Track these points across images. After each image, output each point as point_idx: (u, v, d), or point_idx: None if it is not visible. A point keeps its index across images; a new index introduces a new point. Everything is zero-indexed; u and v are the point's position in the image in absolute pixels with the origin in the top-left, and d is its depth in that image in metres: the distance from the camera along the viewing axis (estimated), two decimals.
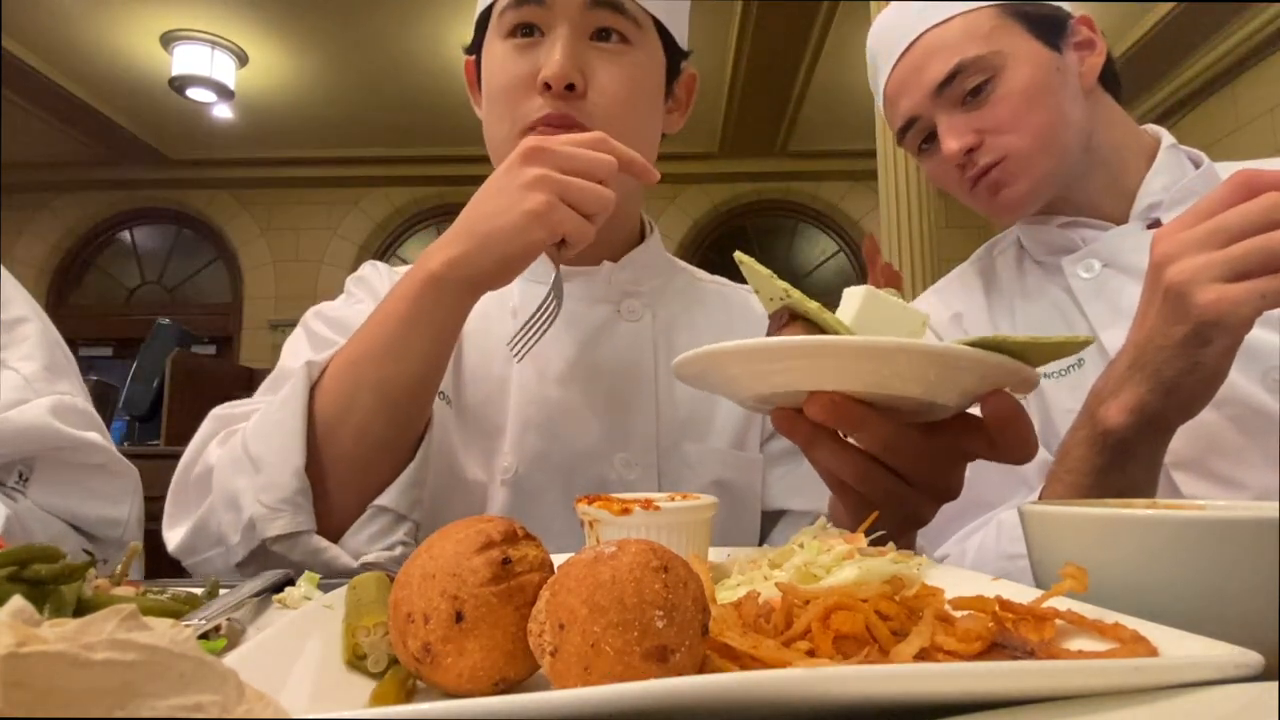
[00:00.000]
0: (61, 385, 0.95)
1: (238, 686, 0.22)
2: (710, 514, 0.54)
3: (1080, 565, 0.37)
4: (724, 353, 0.53)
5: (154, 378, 3.29)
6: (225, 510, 0.72)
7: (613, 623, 0.29)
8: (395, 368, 0.72)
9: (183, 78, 5.13)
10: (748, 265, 0.60)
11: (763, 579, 0.45)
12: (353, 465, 0.73)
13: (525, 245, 0.70)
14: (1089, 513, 0.41)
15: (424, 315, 0.72)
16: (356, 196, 6.74)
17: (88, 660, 0.19)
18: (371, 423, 0.72)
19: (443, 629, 0.32)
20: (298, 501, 0.69)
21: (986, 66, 0.91)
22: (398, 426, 0.74)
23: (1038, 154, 0.91)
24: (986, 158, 0.92)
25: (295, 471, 0.69)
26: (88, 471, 0.93)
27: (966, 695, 0.26)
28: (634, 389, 0.90)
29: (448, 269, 0.71)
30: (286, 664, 0.35)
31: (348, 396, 0.72)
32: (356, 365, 0.73)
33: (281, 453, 0.70)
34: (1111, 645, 0.32)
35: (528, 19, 0.85)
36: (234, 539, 0.71)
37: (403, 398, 0.73)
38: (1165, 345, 0.61)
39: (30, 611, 0.20)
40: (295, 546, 0.69)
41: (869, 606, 0.35)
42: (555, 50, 0.82)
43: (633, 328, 0.93)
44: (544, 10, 0.84)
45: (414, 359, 0.72)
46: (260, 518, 0.69)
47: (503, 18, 0.86)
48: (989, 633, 0.33)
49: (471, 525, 0.36)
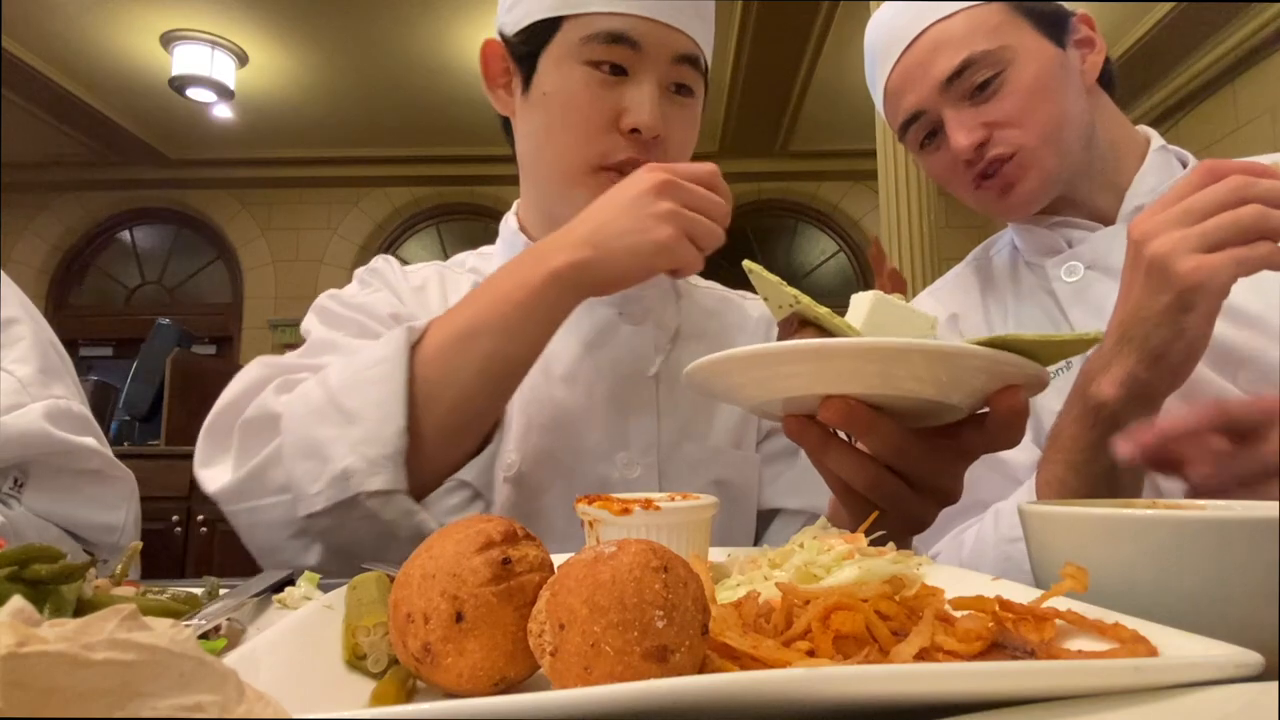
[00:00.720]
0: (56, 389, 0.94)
1: (238, 686, 0.22)
2: (710, 514, 0.54)
3: (1080, 565, 0.37)
4: (739, 358, 0.53)
5: (154, 378, 3.29)
6: (303, 459, 0.72)
7: (613, 623, 0.29)
8: (506, 349, 0.74)
9: (183, 78, 5.12)
10: (757, 273, 0.60)
11: (763, 579, 0.45)
12: (446, 433, 0.74)
13: (646, 270, 0.75)
14: (1089, 513, 0.41)
15: (541, 307, 0.74)
16: (356, 196, 6.74)
17: (88, 660, 0.19)
18: (473, 395, 0.74)
19: (443, 629, 0.32)
20: (397, 460, 0.70)
21: (995, 61, 0.90)
22: (493, 404, 0.77)
23: (1046, 150, 0.91)
24: (995, 151, 0.91)
25: (399, 430, 0.70)
26: (83, 477, 0.92)
27: (966, 695, 0.26)
28: (636, 390, 0.92)
29: (571, 271, 0.74)
30: (286, 664, 0.35)
31: (454, 366, 0.74)
32: (468, 340, 0.75)
33: (382, 408, 0.71)
34: (1111, 645, 0.32)
35: (618, 59, 0.86)
36: (313, 488, 0.70)
37: (505, 377, 0.76)
38: (1150, 316, 0.65)
39: (30, 611, 0.20)
40: (389, 504, 0.69)
41: (869, 606, 0.35)
42: (646, 101, 0.85)
43: (635, 330, 0.94)
44: (635, 54, 0.85)
45: (523, 345, 0.75)
46: (359, 471, 0.69)
47: (587, 45, 0.86)
48: (989, 633, 0.33)
49: (471, 525, 0.36)
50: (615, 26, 0.85)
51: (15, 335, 0.95)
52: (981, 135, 0.91)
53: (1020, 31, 0.92)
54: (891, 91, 0.98)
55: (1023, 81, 0.90)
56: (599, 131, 0.86)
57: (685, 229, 0.74)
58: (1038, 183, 0.92)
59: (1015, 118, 0.90)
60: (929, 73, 0.93)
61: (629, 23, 0.85)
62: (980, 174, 0.94)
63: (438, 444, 0.74)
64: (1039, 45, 0.92)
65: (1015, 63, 0.90)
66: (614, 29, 0.85)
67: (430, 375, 0.74)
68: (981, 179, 0.94)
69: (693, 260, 0.76)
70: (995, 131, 0.91)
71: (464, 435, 0.76)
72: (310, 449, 0.72)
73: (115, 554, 0.93)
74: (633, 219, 0.74)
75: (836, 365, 0.51)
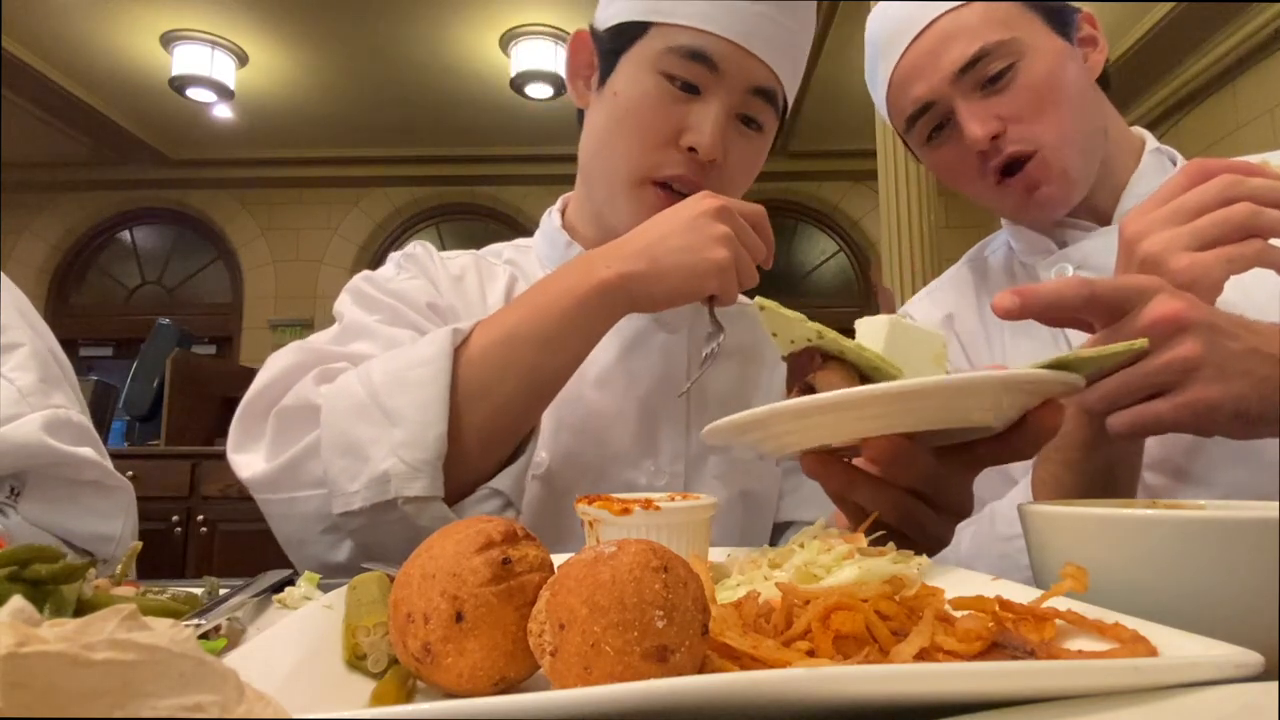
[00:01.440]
0: (56, 397, 0.94)
1: (238, 686, 0.22)
2: (710, 514, 0.54)
3: (1080, 565, 0.37)
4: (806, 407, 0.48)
5: (154, 378, 3.29)
6: (341, 456, 0.71)
7: (613, 623, 0.29)
8: (549, 357, 0.74)
9: (183, 78, 5.12)
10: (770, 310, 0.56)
11: (763, 579, 0.45)
12: (483, 439, 0.74)
13: (697, 288, 0.75)
14: (1089, 513, 0.41)
15: (587, 318, 0.74)
16: (356, 196, 6.74)
17: (88, 660, 0.19)
18: (512, 403, 0.74)
19: (443, 629, 0.32)
20: (437, 466, 0.69)
21: (1009, 52, 0.88)
22: (531, 412, 0.77)
23: (1068, 151, 0.89)
24: (1014, 146, 0.89)
25: (440, 435, 0.69)
26: (80, 488, 0.92)
27: (966, 695, 0.26)
28: (667, 399, 0.92)
29: (623, 281, 0.74)
30: (286, 664, 0.35)
31: (498, 372, 0.73)
32: (511, 346, 0.74)
33: (424, 410, 0.70)
34: (1111, 645, 0.32)
35: (694, 78, 0.85)
36: (351, 487, 0.70)
37: (546, 387, 0.76)
38: None
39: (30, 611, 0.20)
40: (425, 510, 0.69)
41: (869, 606, 0.35)
42: (709, 123, 0.85)
43: (670, 339, 0.95)
44: (713, 76, 0.85)
45: (566, 354, 0.75)
46: (399, 474, 0.68)
47: (666, 56, 0.85)
48: (989, 633, 0.33)
49: (471, 525, 0.36)
50: (697, 44, 0.84)
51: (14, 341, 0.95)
52: (996, 126, 0.89)
53: (1031, 25, 0.90)
54: (897, 83, 0.95)
55: (1036, 75, 0.88)
56: (657, 144, 0.86)
57: (737, 256, 0.75)
58: (1062, 188, 0.91)
59: (1029, 113, 0.89)
60: (940, 62, 0.90)
61: (712, 42, 0.84)
62: (1000, 169, 0.91)
63: (475, 449, 0.73)
64: (1049, 40, 0.90)
65: (1027, 55, 0.89)
66: (695, 46, 0.84)
67: (472, 380, 0.73)
68: (1003, 175, 0.92)
69: (734, 290, 0.77)
70: (1010, 126, 0.89)
71: (501, 442, 0.76)
72: (350, 447, 0.71)
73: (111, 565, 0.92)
74: (689, 238, 0.75)
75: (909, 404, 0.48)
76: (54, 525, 0.90)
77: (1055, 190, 0.91)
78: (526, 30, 4.89)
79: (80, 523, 0.92)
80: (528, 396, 0.75)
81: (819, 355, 0.54)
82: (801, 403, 0.48)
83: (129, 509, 0.97)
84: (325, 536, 0.74)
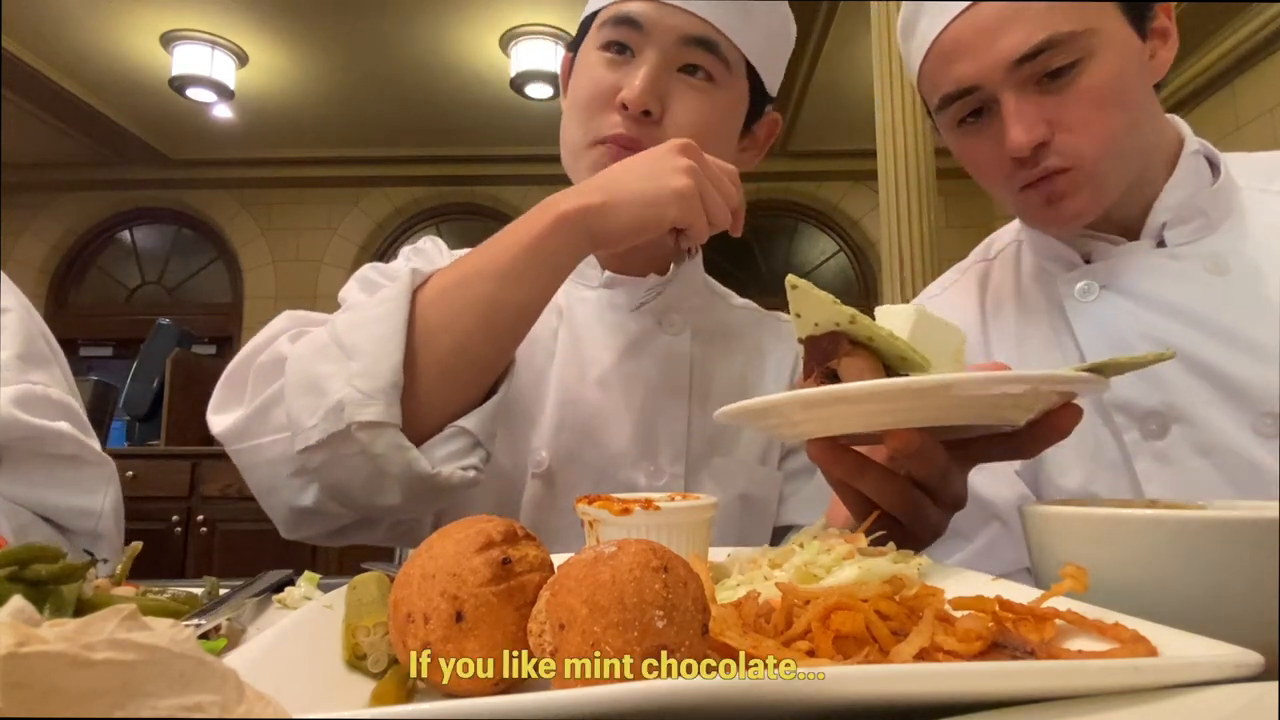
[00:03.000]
0: (36, 375, 0.93)
1: (238, 686, 0.22)
2: (710, 514, 0.54)
3: (1080, 565, 0.37)
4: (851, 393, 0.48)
5: (154, 378, 3.30)
6: (302, 394, 0.72)
7: (613, 623, 0.29)
8: (507, 292, 0.74)
9: (183, 78, 5.12)
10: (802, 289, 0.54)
11: (763, 579, 0.45)
12: (444, 376, 0.73)
13: (657, 216, 0.73)
14: (1089, 513, 0.41)
15: (546, 250, 0.74)
16: (356, 196, 6.74)
17: (88, 660, 0.19)
18: (472, 338, 0.74)
19: (443, 629, 0.32)
20: (391, 395, 0.69)
21: (1077, 48, 0.77)
22: (495, 349, 0.76)
23: (1107, 165, 0.81)
24: (1053, 161, 0.81)
25: (394, 366, 0.70)
26: (58, 462, 0.91)
27: (966, 695, 0.26)
28: (669, 400, 0.92)
29: (580, 214, 0.73)
30: (286, 664, 0.35)
31: (455, 308, 0.74)
32: (468, 281, 0.74)
33: (379, 343, 0.70)
34: (1111, 645, 0.32)
35: (622, 39, 0.88)
36: (309, 421, 0.70)
37: (506, 323, 0.75)
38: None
39: (30, 611, 0.20)
40: (380, 437, 0.69)
41: (869, 606, 0.35)
42: (638, 76, 0.86)
43: (672, 340, 0.95)
44: (639, 34, 0.87)
45: (526, 289, 0.74)
46: (352, 401, 0.68)
47: (601, 30, 0.90)
48: (989, 633, 0.33)
49: (471, 525, 0.36)
50: (623, 10, 0.88)
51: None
52: (1043, 134, 0.79)
53: (1106, 14, 0.79)
54: (940, 54, 0.84)
55: (1101, 79, 0.78)
56: (598, 108, 0.88)
57: (701, 188, 0.74)
58: (1090, 201, 0.83)
59: (1082, 121, 0.79)
60: (996, 44, 0.79)
61: (637, 6, 0.88)
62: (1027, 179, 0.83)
63: (435, 385, 0.73)
64: (1125, 34, 0.80)
65: (1096, 55, 0.78)
66: (621, 11, 0.88)
67: (430, 316, 0.74)
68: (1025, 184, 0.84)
69: (701, 225, 0.75)
70: (1058, 135, 0.80)
71: (463, 379, 0.75)
72: (309, 384, 0.72)
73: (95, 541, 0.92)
74: (650, 168, 0.75)
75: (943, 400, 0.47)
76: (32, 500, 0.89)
77: (1083, 204, 0.83)
78: (526, 30, 4.89)
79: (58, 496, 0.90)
80: (485, 333, 0.74)
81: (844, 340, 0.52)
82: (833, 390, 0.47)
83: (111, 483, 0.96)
84: (292, 480, 0.75)
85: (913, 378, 0.47)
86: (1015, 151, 0.80)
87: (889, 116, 3.73)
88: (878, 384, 0.47)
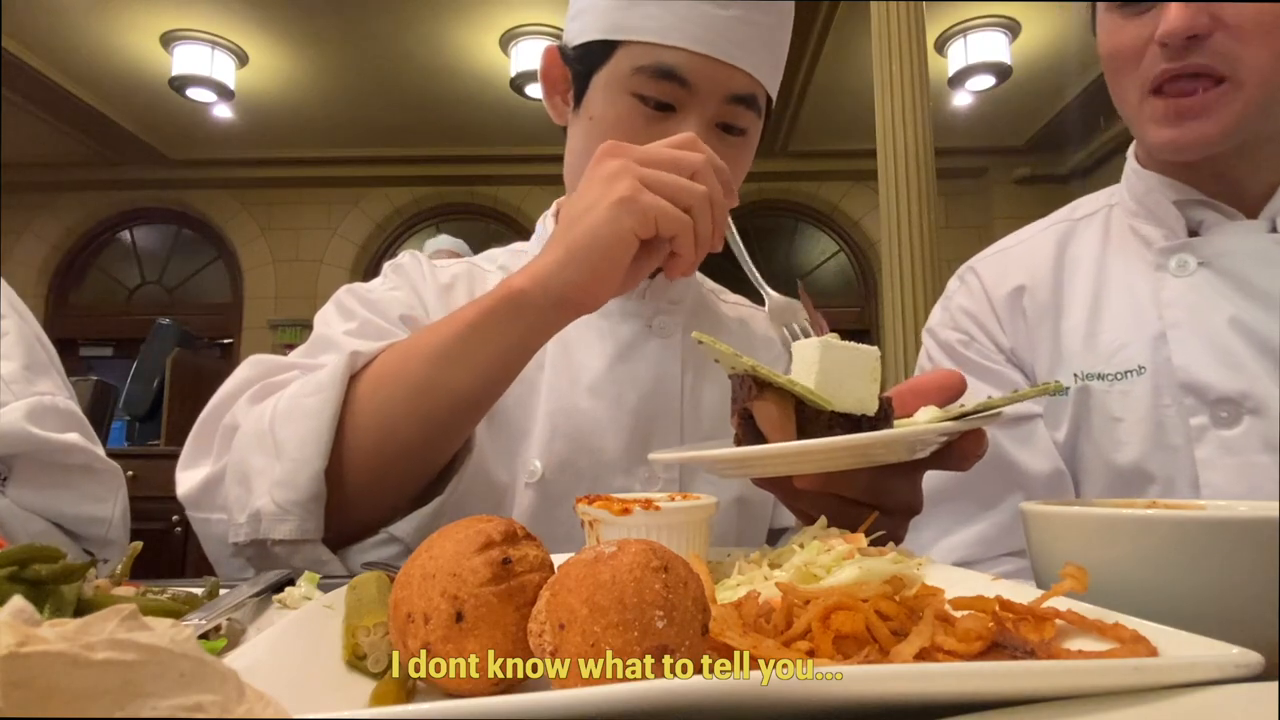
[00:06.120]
0: (42, 384, 0.93)
1: (238, 686, 0.22)
2: (710, 514, 0.54)
3: (1080, 565, 0.37)
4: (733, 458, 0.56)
5: (154, 378, 3.30)
6: (236, 484, 0.70)
7: (613, 623, 0.29)
8: (446, 375, 0.67)
9: (183, 78, 5.13)
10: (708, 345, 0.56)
11: (763, 579, 0.45)
12: (376, 474, 0.69)
13: (616, 237, 0.64)
14: (1089, 513, 0.41)
15: (493, 329, 0.67)
16: (356, 196, 6.74)
17: (88, 660, 0.19)
18: (399, 430, 0.68)
19: (443, 629, 0.32)
20: (309, 507, 0.66)
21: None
22: (426, 442, 0.69)
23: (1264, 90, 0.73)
24: (1203, 59, 0.72)
25: (314, 475, 0.66)
26: (69, 471, 0.92)
27: (966, 695, 0.26)
28: (661, 404, 0.91)
29: (532, 283, 0.66)
30: (286, 664, 0.35)
31: (387, 394, 0.68)
32: (405, 361, 0.69)
33: (303, 447, 0.66)
34: (1111, 645, 0.32)
35: (666, 98, 0.82)
36: (239, 518, 0.69)
37: (441, 411, 0.68)
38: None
39: (30, 611, 0.20)
40: (298, 552, 0.67)
41: (869, 606, 0.35)
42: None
43: (663, 344, 0.94)
44: (685, 93, 0.82)
45: (468, 372, 0.67)
46: (269, 515, 0.67)
47: (636, 78, 0.82)
48: (989, 633, 0.33)
49: (471, 525, 0.36)
50: (666, 61, 0.80)
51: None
52: (1204, 25, 0.71)
53: None
54: None
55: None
56: None
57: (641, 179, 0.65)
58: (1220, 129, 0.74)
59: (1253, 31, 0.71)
60: None
61: (681, 58, 0.80)
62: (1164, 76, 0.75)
63: (368, 484, 0.69)
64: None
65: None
66: (665, 64, 0.80)
67: (364, 407, 0.68)
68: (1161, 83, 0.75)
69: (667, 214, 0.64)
70: (1218, 33, 0.72)
71: (392, 477, 0.70)
72: (242, 476, 0.70)
73: (104, 547, 0.93)
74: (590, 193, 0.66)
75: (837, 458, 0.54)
76: (44, 508, 0.90)
77: (1212, 129, 0.74)
78: (526, 30, 4.90)
79: (70, 504, 0.92)
80: (423, 421, 0.67)
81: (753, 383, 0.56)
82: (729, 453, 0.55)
83: (119, 490, 0.97)
84: (233, 560, 0.73)
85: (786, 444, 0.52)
86: (1167, 35, 0.71)
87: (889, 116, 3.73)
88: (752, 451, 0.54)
